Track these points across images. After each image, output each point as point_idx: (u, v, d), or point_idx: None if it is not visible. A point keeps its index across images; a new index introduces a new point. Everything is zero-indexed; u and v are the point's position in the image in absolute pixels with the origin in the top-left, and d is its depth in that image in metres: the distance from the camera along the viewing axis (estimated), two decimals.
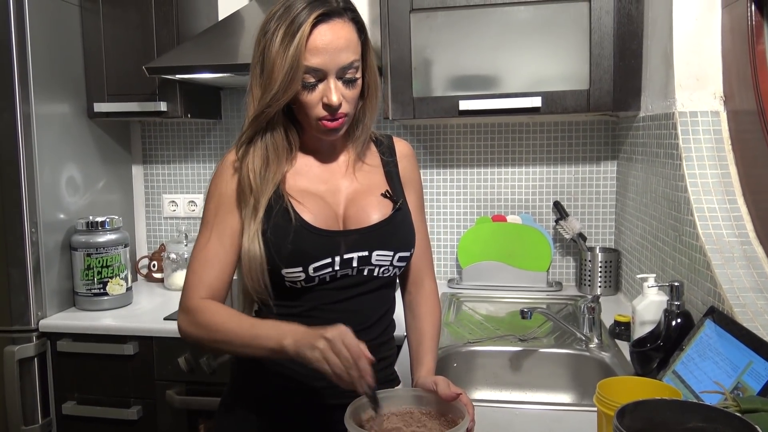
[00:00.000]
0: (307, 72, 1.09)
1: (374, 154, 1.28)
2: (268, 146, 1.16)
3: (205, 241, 1.17)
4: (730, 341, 1.20)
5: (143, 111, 2.20)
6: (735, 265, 1.36)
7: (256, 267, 1.14)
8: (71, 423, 2.04)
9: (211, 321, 1.10)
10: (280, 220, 1.14)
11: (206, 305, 1.12)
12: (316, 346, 0.95)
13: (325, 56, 1.08)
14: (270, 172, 1.15)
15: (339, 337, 0.95)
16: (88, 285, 2.10)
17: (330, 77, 1.10)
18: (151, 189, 2.62)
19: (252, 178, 1.15)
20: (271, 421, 1.23)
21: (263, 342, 1.04)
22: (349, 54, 1.11)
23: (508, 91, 2.01)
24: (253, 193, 1.15)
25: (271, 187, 1.15)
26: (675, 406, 0.72)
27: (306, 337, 0.98)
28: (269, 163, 1.16)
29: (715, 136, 1.55)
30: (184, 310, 1.14)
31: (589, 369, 1.65)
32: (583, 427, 1.21)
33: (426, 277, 1.33)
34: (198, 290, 1.14)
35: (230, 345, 1.09)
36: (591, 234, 2.35)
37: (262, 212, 1.14)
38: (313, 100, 1.12)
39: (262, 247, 1.13)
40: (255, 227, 1.14)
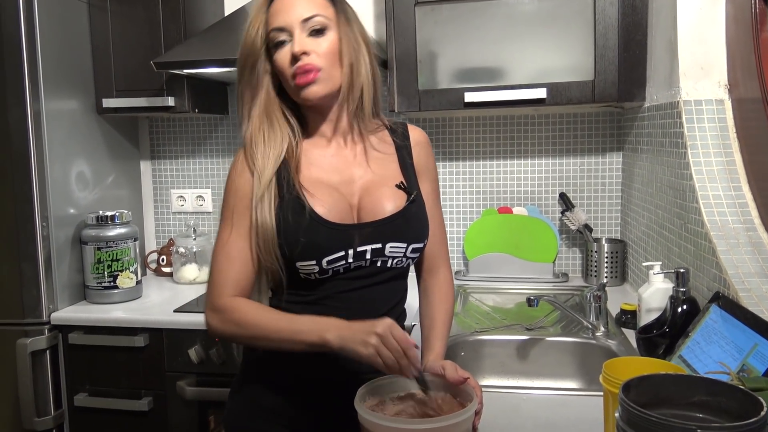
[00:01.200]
0: (275, 31, 1.15)
1: (388, 142, 1.28)
2: (265, 122, 1.18)
3: (227, 237, 1.18)
4: (736, 325, 1.21)
5: (151, 106, 2.22)
6: (740, 251, 1.37)
7: (268, 235, 1.14)
8: (83, 414, 2.06)
9: (245, 319, 1.12)
10: (293, 212, 1.15)
11: (237, 303, 1.14)
12: (368, 342, 0.98)
13: (285, 14, 1.15)
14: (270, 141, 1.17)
15: (388, 330, 0.98)
16: (98, 278, 2.13)
17: (294, 31, 1.14)
18: (159, 184, 2.64)
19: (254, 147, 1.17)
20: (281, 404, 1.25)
21: (303, 337, 1.06)
22: (311, 7, 1.15)
23: (513, 82, 2.02)
24: (256, 163, 1.16)
25: (274, 158, 1.16)
26: (679, 380, 0.73)
27: (355, 334, 1.00)
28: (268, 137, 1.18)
29: (720, 125, 1.56)
30: (214, 309, 1.15)
31: (595, 357, 1.66)
32: (588, 411, 1.22)
33: (441, 265, 1.34)
34: (226, 288, 1.15)
35: (268, 341, 1.11)
36: (597, 225, 2.36)
37: (267, 180, 1.15)
38: (285, 58, 1.15)
39: (273, 215, 1.14)
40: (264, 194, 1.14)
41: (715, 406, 0.70)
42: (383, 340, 0.98)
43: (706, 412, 0.70)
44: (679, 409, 0.70)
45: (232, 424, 1.31)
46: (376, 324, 0.99)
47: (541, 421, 1.18)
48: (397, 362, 0.98)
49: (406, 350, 0.98)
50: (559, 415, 1.21)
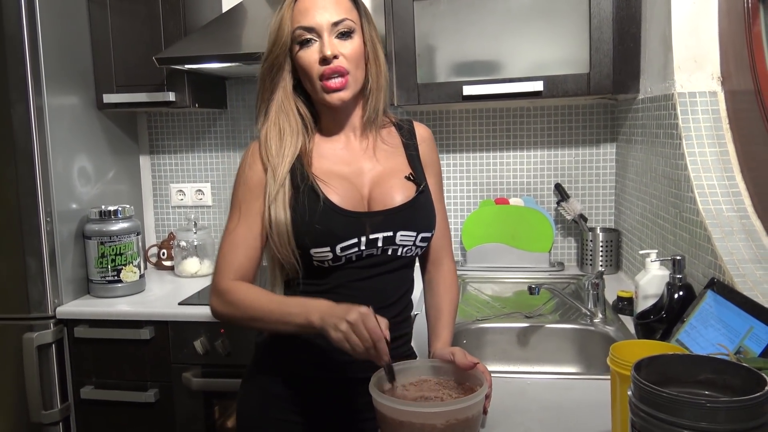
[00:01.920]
0: (302, 30, 1.17)
1: (395, 137, 1.33)
2: (281, 116, 1.22)
3: (234, 226, 1.22)
4: (732, 309, 1.26)
5: (152, 101, 2.24)
6: (734, 239, 1.42)
7: (284, 233, 1.18)
8: (90, 407, 2.09)
9: (242, 300, 1.16)
10: (307, 201, 1.19)
11: (237, 285, 1.18)
12: (339, 328, 1.01)
13: (314, 14, 1.17)
14: (286, 141, 1.21)
15: (360, 319, 1.00)
16: (102, 273, 2.15)
17: (324, 33, 1.17)
18: (159, 179, 2.66)
19: (272, 145, 1.21)
20: (294, 393, 1.28)
21: (293, 318, 1.09)
22: (340, 11, 1.18)
23: (510, 75, 2.06)
24: (271, 159, 1.20)
25: (290, 155, 1.20)
26: (686, 360, 0.77)
27: (330, 318, 1.03)
28: (284, 133, 1.21)
29: (713, 116, 1.61)
30: (216, 292, 1.20)
31: (594, 343, 1.71)
32: (591, 393, 1.27)
33: (445, 257, 1.39)
34: (228, 272, 1.19)
35: (262, 322, 1.15)
36: (591, 215, 2.41)
37: (282, 177, 1.19)
38: (311, 58, 1.18)
39: (288, 213, 1.18)
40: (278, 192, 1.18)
41: (720, 383, 0.74)
42: (353, 328, 1.00)
43: (711, 389, 0.74)
44: (686, 387, 0.74)
45: (244, 411, 1.34)
46: (351, 311, 1.01)
47: (546, 404, 1.23)
48: (366, 351, 1.01)
49: (376, 342, 1.01)
50: (563, 398, 1.25)
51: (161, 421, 2.06)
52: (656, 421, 0.69)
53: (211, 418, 2.06)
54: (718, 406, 0.66)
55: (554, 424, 1.14)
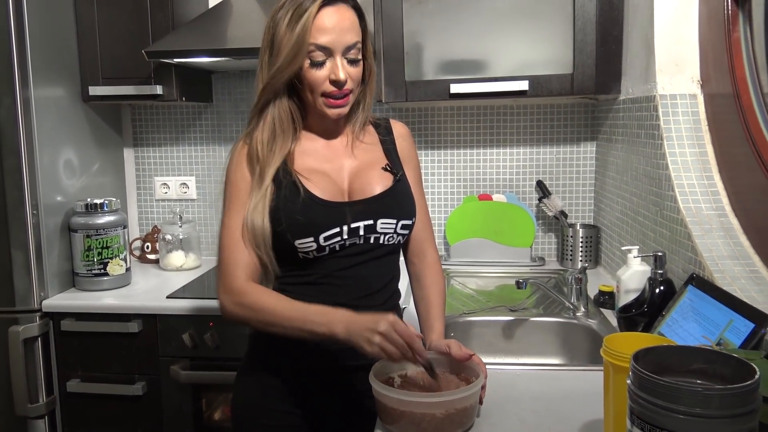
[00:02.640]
0: (316, 50, 1.18)
1: (373, 135, 1.38)
2: (275, 121, 1.25)
3: (231, 222, 1.24)
4: (712, 303, 1.32)
5: (139, 94, 2.23)
6: (713, 236, 1.48)
7: (260, 237, 1.21)
8: (76, 400, 2.09)
9: (258, 303, 1.18)
10: (289, 194, 1.23)
11: (252, 288, 1.20)
12: (372, 341, 1.05)
13: (332, 35, 1.18)
14: (276, 145, 1.24)
15: (391, 328, 1.05)
16: (88, 266, 2.15)
17: (337, 55, 1.20)
18: (142, 172, 2.65)
19: (260, 149, 1.24)
20: (291, 384, 1.31)
21: (314, 328, 1.12)
22: (353, 35, 1.21)
23: (495, 74, 2.11)
24: (259, 162, 1.23)
25: (278, 159, 1.24)
26: (680, 350, 0.82)
27: (360, 332, 1.06)
28: (276, 136, 1.24)
29: (693, 118, 1.67)
30: (228, 291, 1.21)
31: (577, 335, 1.77)
32: (578, 384, 1.32)
33: (428, 247, 1.43)
34: (238, 270, 1.21)
35: (281, 327, 1.17)
36: (571, 211, 2.48)
37: (268, 181, 1.22)
38: (321, 77, 1.21)
39: (266, 219, 1.21)
40: (260, 197, 1.22)
41: (711, 372, 0.79)
42: (386, 338, 1.04)
43: (703, 378, 0.80)
44: (680, 376, 0.79)
45: (240, 405, 1.37)
46: (379, 322, 1.05)
47: (536, 394, 1.28)
48: (403, 356, 1.06)
49: (411, 343, 1.05)
50: (552, 388, 1.31)
51: (149, 414, 2.07)
52: (654, 407, 0.74)
53: (199, 410, 2.07)
54: (711, 394, 0.72)
55: (546, 414, 1.19)
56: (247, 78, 2.55)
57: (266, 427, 1.33)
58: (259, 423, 1.33)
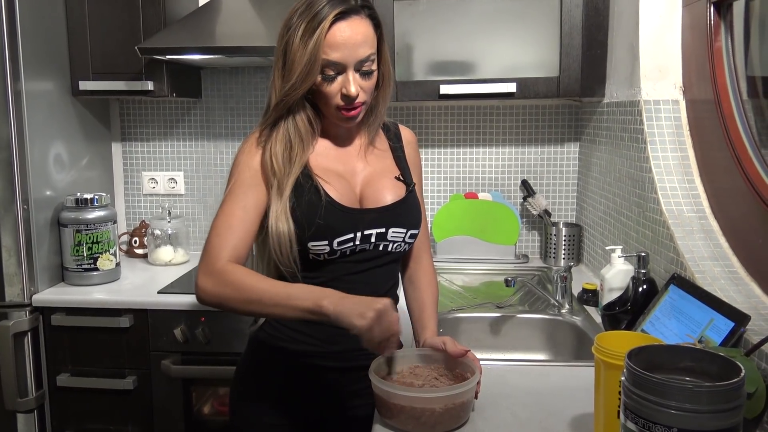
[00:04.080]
0: (328, 65, 1.18)
1: (383, 140, 1.40)
2: (290, 132, 1.25)
3: (229, 208, 1.23)
4: (693, 302, 1.38)
5: (130, 90, 2.24)
6: (694, 237, 1.55)
7: (286, 243, 1.22)
8: (66, 394, 2.10)
9: (241, 281, 1.14)
10: (311, 198, 1.24)
11: (233, 267, 1.17)
12: (366, 315, 1.04)
13: (344, 51, 1.17)
14: (296, 155, 1.25)
15: (387, 310, 1.06)
16: (78, 261, 2.15)
17: (349, 70, 1.19)
18: (131, 166, 2.66)
19: (275, 162, 1.23)
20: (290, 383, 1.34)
21: (298, 302, 1.09)
22: (366, 48, 1.20)
23: (484, 76, 2.15)
24: (276, 175, 1.23)
25: (297, 169, 1.24)
26: (669, 349, 0.88)
27: (355, 305, 1.06)
28: (292, 146, 1.25)
29: (675, 123, 1.74)
30: (209, 273, 1.17)
31: (562, 332, 1.83)
32: (566, 379, 1.38)
33: (424, 252, 1.47)
34: (223, 253, 1.18)
35: (260, 305, 1.13)
36: (554, 210, 2.54)
37: (288, 192, 1.23)
38: (333, 91, 1.22)
39: (290, 224, 1.22)
40: (281, 206, 1.22)
41: (698, 370, 0.85)
42: (380, 317, 1.05)
43: (691, 375, 0.85)
44: (669, 373, 0.85)
45: (238, 405, 1.39)
46: (378, 300, 1.06)
47: (526, 389, 1.33)
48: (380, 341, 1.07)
49: (391, 335, 1.08)
50: (541, 384, 1.36)
51: (139, 408, 2.09)
52: (647, 402, 0.79)
53: (189, 404, 2.10)
54: (701, 390, 0.77)
55: (537, 408, 1.24)
56: (237, 74, 2.56)
57: (266, 426, 1.35)
58: (259, 422, 1.36)
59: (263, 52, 2.01)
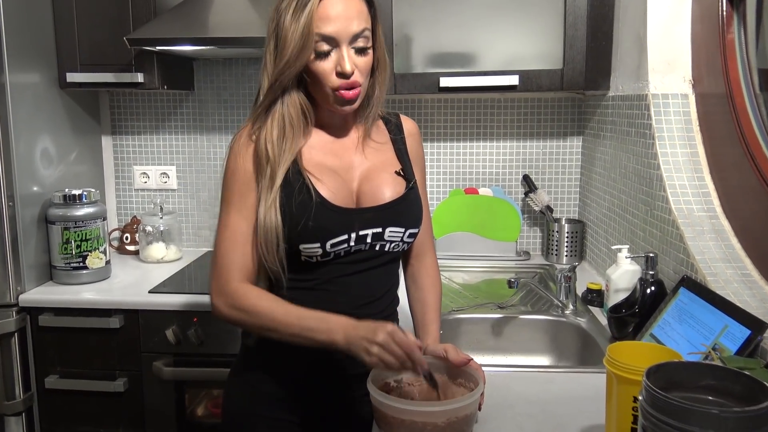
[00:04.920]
0: (321, 40, 1.12)
1: (383, 132, 1.33)
2: (285, 117, 1.18)
3: (230, 221, 1.19)
4: (705, 307, 1.33)
5: (119, 82, 2.17)
6: (705, 238, 1.49)
7: (273, 240, 1.16)
8: (55, 396, 2.04)
9: (254, 307, 1.15)
10: (302, 198, 1.17)
11: (246, 290, 1.16)
12: (371, 352, 1.02)
13: (337, 24, 1.12)
14: (287, 143, 1.18)
15: (390, 338, 1.02)
16: (67, 259, 2.08)
17: (342, 45, 1.13)
18: (122, 160, 2.59)
19: (270, 148, 1.17)
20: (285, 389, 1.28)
21: (313, 335, 1.10)
22: (360, 22, 1.14)
23: (485, 68, 2.08)
24: (269, 162, 1.17)
25: (289, 158, 1.18)
26: (689, 366, 0.82)
27: (360, 340, 1.04)
28: (286, 133, 1.18)
29: (684, 117, 1.67)
30: (221, 294, 1.17)
31: (566, 333, 1.78)
32: (571, 387, 1.33)
33: (428, 250, 1.41)
34: (232, 272, 1.17)
35: (277, 333, 1.14)
36: (556, 206, 2.48)
37: (279, 181, 1.17)
38: (327, 69, 1.15)
39: (278, 218, 1.16)
40: (272, 197, 1.16)
41: (721, 389, 0.79)
42: (385, 348, 1.02)
43: (713, 395, 0.79)
44: (690, 392, 0.79)
45: (231, 409, 1.33)
46: (378, 331, 1.03)
47: (531, 398, 1.27)
48: (402, 366, 1.04)
49: (410, 354, 1.03)
50: (546, 392, 1.30)
51: (130, 411, 2.03)
52: (666, 426, 0.73)
53: (182, 407, 2.04)
54: (727, 416, 0.71)
55: (543, 419, 1.18)
56: (230, 66, 2.49)
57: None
58: (251, 430, 1.30)
59: (257, 43, 1.93)
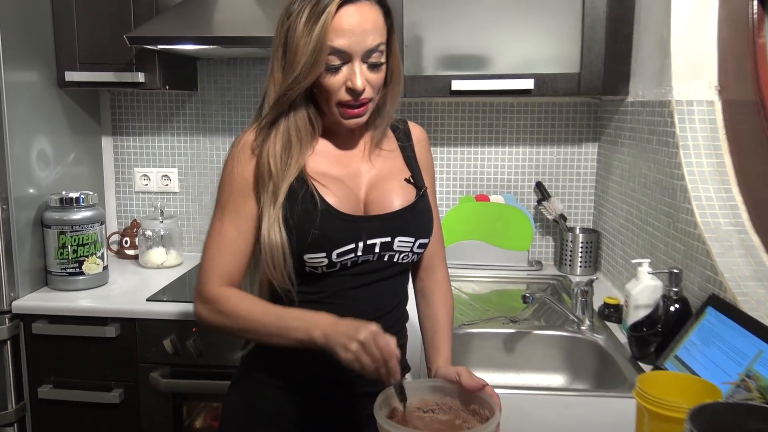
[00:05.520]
0: (332, 53, 1.06)
1: (391, 140, 1.26)
2: (291, 130, 1.13)
3: (220, 227, 1.15)
4: (736, 330, 1.24)
5: (119, 82, 2.09)
6: (734, 254, 1.40)
7: (279, 256, 1.10)
8: (48, 407, 1.96)
9: (234, 310, 1.10)
10: (306, 206, 1.11)
11: (227, 294, 1.11)
12: (349, 348, 0.96)
13: (351, 38, 1.05)
14: (292, 157, 1.12)
15: (371, 338, 0.96)
16: (62, 264, 2.01)
17: (355, 60, 1.07)
18: (122, 162, 2.51)
19: (272, 163, 1.11)
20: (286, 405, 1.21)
21: (291, 334, 1.04)
22: (376, 37, 1.07)
23: (498, 71, 2.00)
24: (272, 178, 1.11)
25: (294, 172, 1.12)
26: (735, 408, 0.74)
27: (338, 337, 0.98)
28: (291, 147, 1.12)
29: (710, 126, 1.59)
30: (203, 299, 1.13)
31: (582, 351, 1.69)
32: (592, 414, 1.24)
33: (438, 263, 1.33)
34: (214, 277, 1.12)
35: (256, 334, 1.09)
36: (570, 214, 2.39)
37: (283, 198, 1.11)
38: (336, 84, 1.09)
39: (284, 235, 1.10)
40: (275, 214, 1.11)
41: None
42: (364, 348, 0.96)
43: None
44: None
45: (229, 424, 1.27)
46: (360, 329, 0.97)
47: (550, 426, 1.19)
48: (376, 371, 0.97)
49: (387, 360, 0.96)
50: (566, 418, 1.22)
51: (126, 423, 1.96)
52: None
53: (180, 419, 1.97)
54: None
55: None
56: (234, 66, 2.41)
57: None
58: None
59: (263, 43, 1.86)
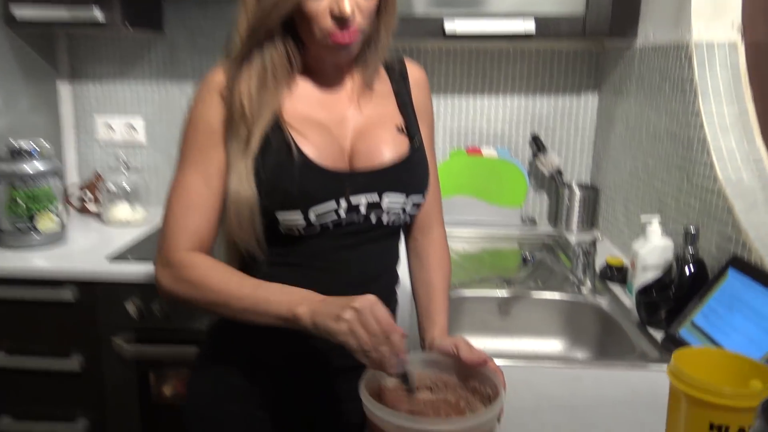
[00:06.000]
0: None
1: (384, 81, 1.09)
2: (266, 66, 0.96)
3: (185, 180, 0.98)
4: (762, 293, 1.11)
5: (74, 21, 1.87)
6: (759, 211, 1.27)
7: (246, 213, 0.95)
8: (2, 375, 1.80)
9: (202, 279, 0.93)
10: (280, 157, 0.95)
11: (195, 259, 0.94)
12: (342, 317, 0.80)
13: None
14: (267, 96, 0.96)
15: (368, 307, 0.80)
16: (14, 220, 1.82)
17: None
18: (82, 109, 2.30)
19: (246, 103, 0.95)
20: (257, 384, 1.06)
21: (271, 308, 0.88)
22: None
23: (494, 11, 1.82)
24: (245, 121, 0.95)
25: (268, 115, 0.96)
26: None
27: (328, 307, 0.82)
28: (267, 85, 0.96)
29: (732, 71, 1.44)
30: (166, 264, 0.96)
31: (583, 315, 1.57)
32: (603, 386, 1.12)
33: (435, 222, 1.17)
34: (182, 240, 0.95)
35: (227, 308, 0.92)
36: (566, 169, 2.25)
37: (256, 146, 0.95)
38: (321, 9, 0.92)
39: (254, 189, 0.95)
40: (246, 163, 0.95)
41: None
42: (360, 317, 0.80)
43: None
44: None
45: (194, 408, 1.12)
46: (356, 297, 0.81)
47: (557, 401, 1.06)
48: (375, 349, 0.80)
49: (389, 334, 0.81)
50: (574, 393, 1.09)
51: (88, 392, 1.80)
52: None
53: (146, 387, 1.82)
54: None
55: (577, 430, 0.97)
56: (206, 6, 2.19)
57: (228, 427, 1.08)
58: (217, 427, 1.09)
59: None
